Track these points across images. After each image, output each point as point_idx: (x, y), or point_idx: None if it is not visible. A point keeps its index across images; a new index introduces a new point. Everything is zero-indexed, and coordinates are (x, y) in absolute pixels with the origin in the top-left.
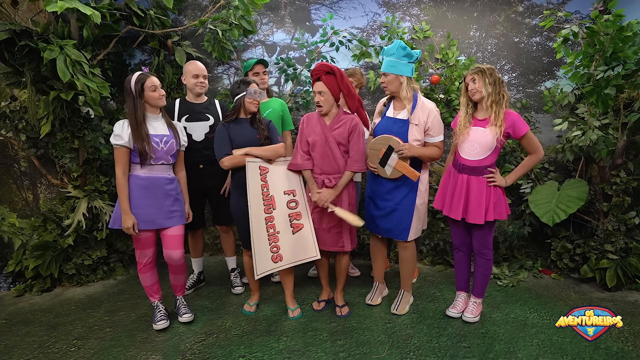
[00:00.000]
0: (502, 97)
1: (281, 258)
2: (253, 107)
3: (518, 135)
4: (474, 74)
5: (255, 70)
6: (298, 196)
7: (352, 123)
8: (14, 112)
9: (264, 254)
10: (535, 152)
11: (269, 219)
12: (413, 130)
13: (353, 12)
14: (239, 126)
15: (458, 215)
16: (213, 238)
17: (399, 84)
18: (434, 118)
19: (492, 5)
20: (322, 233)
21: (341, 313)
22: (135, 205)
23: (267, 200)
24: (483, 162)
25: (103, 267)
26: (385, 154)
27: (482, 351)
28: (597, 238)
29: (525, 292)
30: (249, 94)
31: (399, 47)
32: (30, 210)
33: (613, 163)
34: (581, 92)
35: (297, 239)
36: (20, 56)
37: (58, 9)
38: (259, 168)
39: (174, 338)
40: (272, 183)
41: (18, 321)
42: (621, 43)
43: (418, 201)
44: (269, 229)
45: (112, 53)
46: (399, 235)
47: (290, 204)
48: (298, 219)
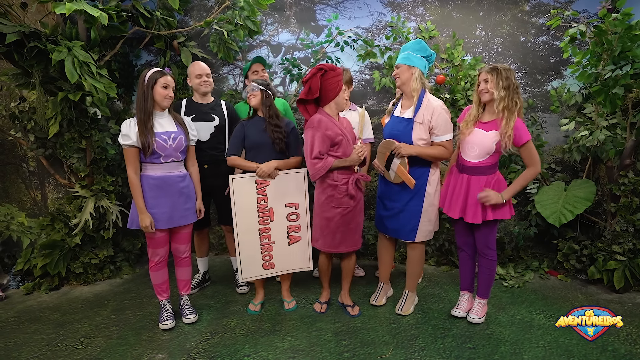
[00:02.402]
0: (515, 104)
1: (273, 266)
2: (251, 101)
3: (518, 143)
4: (487, 73)
5: (254, 69)
6: (300, 209)
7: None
8: (23, 113)
9: (254, 260)
10: (532, 165)
11: (264, 230)
12: (417, 129)
13: (358, 12)
14: (254, 125)
15: (456, 214)
16: (218, 238)
17: (410, 75)
18: (439, 116)
19: (498, 4)
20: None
21: (354, 312)
22: (151, 205)
23: (264, 213)
24: (483, 163)
25: (110, 266)
26: (389, 159)
27: (487, 352)
28: (605, 239)
29: (531, 293)
30: (246, 92)
31: (414, 42)
32: (39, 210)
33: (621, 163)
34: (588, 91)
35: (292, 250)
36: (29, 57)
37: (66, 11)
38: (255, 182)
39: (179, 337)
40: (272, 196)
41: (27, 319)
42: (629, 42)
43: (426, 203)
44: (262, 239)
45: (119, 54)
46: (406, 236)
47: (290, 217)
48: (297, 232)
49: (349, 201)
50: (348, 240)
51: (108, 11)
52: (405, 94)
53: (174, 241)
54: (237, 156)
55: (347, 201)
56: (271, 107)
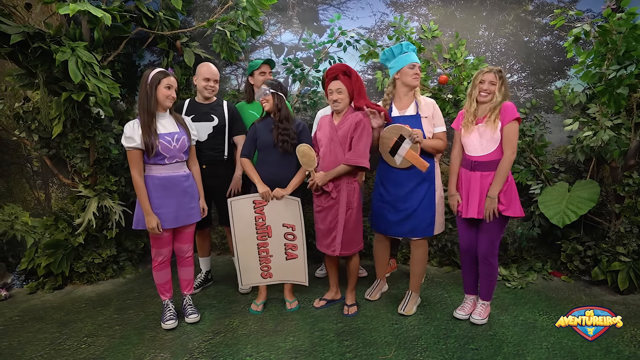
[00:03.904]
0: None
1: (271, 275)
2: (266, 106)
3: (505, 121)
4: (496, 76)
5: (262, 70)
6: (297, 231)
7: (357, 119)
8: (27, 113)
9: (253, 268)
10: (508, 147)
11: (262, 245)
12: (425, 124)
13: (361, 12)
14: (266, 126)
15: (475, 213)
16: (221, 237)
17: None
18: (436, 109)
19: (502, 4)
20: (321, 234)
21: (348, 312)
22: (157, 205)
23: (262, 229)
24: (492, 156)
25: (113, 265)
26: (396, 143)
27: (490, 353)
28: (609, 240)
29: (535, 294)
30: (258, 95)
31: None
32: (42, 209)
33: (625, 164)
34: (592, 91)
35: (289, 264)
36: (33, 58)
37: (70, 12)
38: (253, 202)
39: (182, 336)
40: (270, 215)
41: (30, 318)
42: (634, 42)
43: (437, 194)
44: (261, 252)
45: (122, 54)
46: (424, 232)
47: (287, 236)
48: (293, 250)
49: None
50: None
51: (111, 12)
52: (407, 93)
53: (177, 241)
54: (249, 159)
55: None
56: (282, 109)
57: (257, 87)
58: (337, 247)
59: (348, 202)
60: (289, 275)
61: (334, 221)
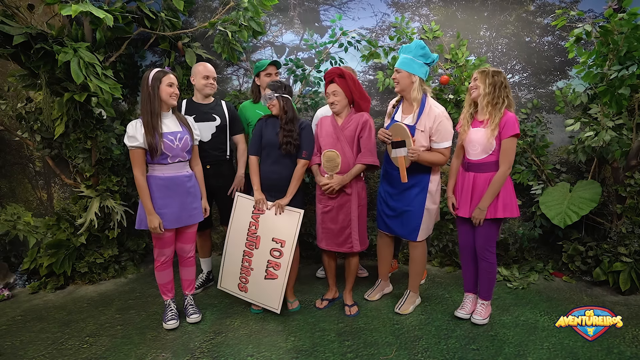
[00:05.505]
0: (502, 102)
1: (246, 290)
2: (274, 110)
3: (504, 135)
4: (477, 73)
5: (268, 71)
6: (286, 248)
7: (362, 120)
8: (29, 114)
9: (233, 274)
10: (504, 162)
11: (248, 254)
12: (418, 137)
13: (362, 13)
14: (271, 125)
15: (466, 212)
16: (222, 237)
17: (410, 83)
18: (440, 124)
19: (503, 4)
20: (332, 234)
21: (350, 312)
22: (160, 205)
23: (252, 238)
24: (487, 160)
25: (114, 265)
26: (398, 143)
27: (491, 354)
28: (611, 240)
29: (536, 294)
30: (264, 99)
31: (417, 46)
32: (45, 210)
33: (627, 164)
34: (594, 92)
35: (265, 285)
36: (35, 59)
37: (72, 13)
38: (253, 206)
39: (183, 336)
40: (263, 225)
41: (33, 318)
42: (636, 42)
43: (428, 203)
44: (244, 261)
45: (124, 55)
46: (408, 236)
47: (273, 252)
48: (275, 269)
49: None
50: (337, 240)
51: (113, 13)
52: (405, 99)
53: (179, 241)
54: (256, 158)
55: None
56: (288, 112)
57: (263, 88)
58: (355, 242)
59: (360, 198)
60: (262, 297)
61: (347, 219)
